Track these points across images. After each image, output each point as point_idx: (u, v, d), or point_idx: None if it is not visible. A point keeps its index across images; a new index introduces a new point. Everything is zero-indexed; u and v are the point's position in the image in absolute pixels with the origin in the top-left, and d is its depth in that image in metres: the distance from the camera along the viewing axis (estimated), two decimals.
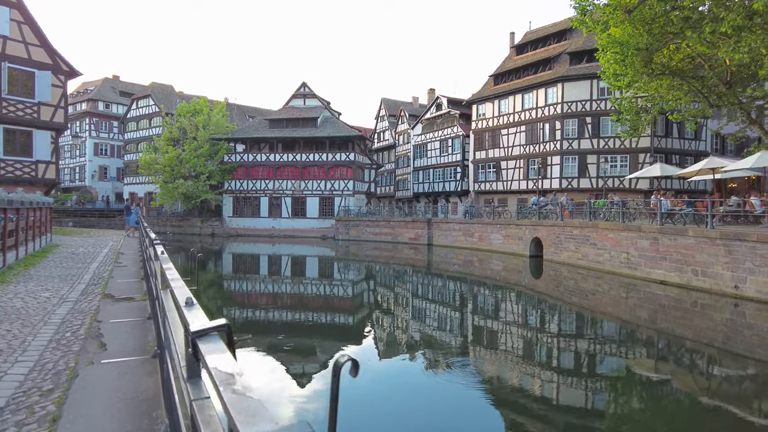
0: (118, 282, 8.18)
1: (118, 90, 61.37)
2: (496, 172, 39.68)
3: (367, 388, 7.98)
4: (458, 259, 28.59)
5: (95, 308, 6.08)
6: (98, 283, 8.41)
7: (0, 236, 9.10)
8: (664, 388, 8.92)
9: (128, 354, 4.14)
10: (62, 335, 4.98)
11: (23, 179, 21.24)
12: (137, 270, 9.78)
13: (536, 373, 9.47)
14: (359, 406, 7.11)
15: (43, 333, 5.05)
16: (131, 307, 6.15)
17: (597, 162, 33.93)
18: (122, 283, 8.26)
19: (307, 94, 46.61)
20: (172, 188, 42.94)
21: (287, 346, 10.65)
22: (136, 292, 7.46)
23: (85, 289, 7.93)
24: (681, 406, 8.12)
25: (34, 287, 7.92)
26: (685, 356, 11.00)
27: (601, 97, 33.74)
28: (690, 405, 8.15)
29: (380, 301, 18.18)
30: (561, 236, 22.81)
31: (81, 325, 5.32)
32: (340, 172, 42.75)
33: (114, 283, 8.24)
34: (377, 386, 8.26)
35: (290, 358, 9.48)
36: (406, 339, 12.23)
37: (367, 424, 6.64)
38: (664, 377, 9.43)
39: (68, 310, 6.23)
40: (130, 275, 9.46)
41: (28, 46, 21.39)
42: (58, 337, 4.88)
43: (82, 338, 4.81)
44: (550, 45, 39.23)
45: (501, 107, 39.80)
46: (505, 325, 14.03)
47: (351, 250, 34.59)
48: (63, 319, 5.65)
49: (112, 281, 8.43)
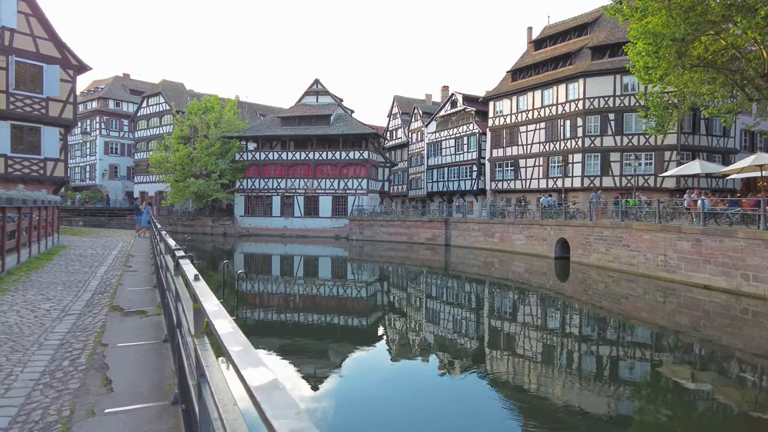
0: (128, 291, 7.33)
1: (129, 88, 60.90)
2: (514, 171, 38.56)
3: (380, 391, 7.95)
4: (478, 261, 27.60)
5: (101, 325, 5.18)
6: (106, 291, 7.55)
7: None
8: (710, 401, 8.07)
9: (140, 397, 3.22)
10: (59, 364, 4.08)
11: (31, 177, 20.54)
12: (149, 275, 8.84)
13: (561, 382, 8.79)
14: (371, 408, 7.12)
15: (35, 361, 4.14)
16: (143, 324, 5.26)
17: (620, 160, 32.73)
18: (132, 291, 7.41)
19: (320, 91, 45.72)
20: (183, 187, 42.28)
21: (298, 348, 10.49)
22: (148, 303, 6.62)
23: (90, 299, 7.04)
24: (729, 423, 7.16)
25: (33, 297, 7.06)
26: (734, 367, 9.97)
27: (625, 92, 32.53)
28: (738, 422, 7.18)
29: (396, 304, 17.51)
30: (590, 237, 21.72)
31: (83, 349, 4.40)
32: (354, 171, 41.82)
33: (123, 291, 7.37)
34: (394, 391, 8.12)
35: (300, 360, 9.33)
36: (422, 342, 11.80)
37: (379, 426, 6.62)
38: (708, 388, 8.53)
39: (69, 327, 5.34)
40: (141, 282, 8.66)
41: (36, 39, 20.66)
42: (54, 367, 3.98)
43: (82, 369, 3.91)
44: (571, 39, 38.02)
45: (519, 104, 38.68)
46: (527, 329, 13.28)
47: (365, 251, 33.73)
48: (62, 341, 4.74)
49: (121, 289, 7.57)
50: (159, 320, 5.30)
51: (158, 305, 5.91)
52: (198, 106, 44.35)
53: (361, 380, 8.88)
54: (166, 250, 4.38)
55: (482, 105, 43.70)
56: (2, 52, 19.68)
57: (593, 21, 37.01)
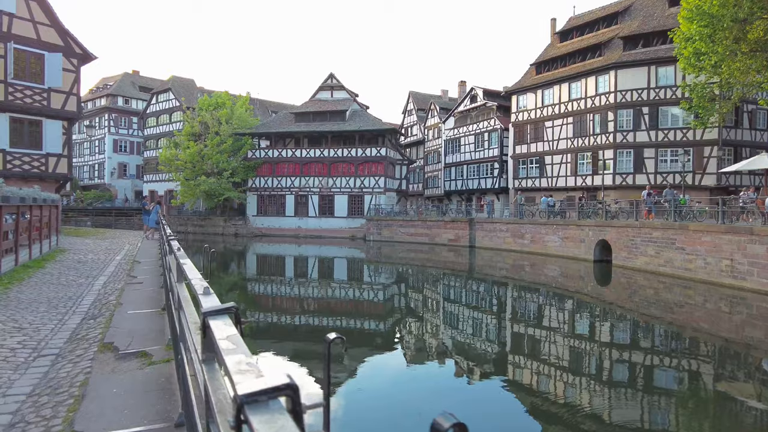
0: (128, 315, 5.61)
1: (138, 85, 59.62)
2: (539, 168, 36.68)
3: (399, 396, 7.71)
4: (506, 263, 25.87)
5: (81, 381, 3.47)
6: (100, 314, 5.86)
7: None
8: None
9: None
10: None
11: (32, 174, 19.06)
12: (156, 291, 7.17)
13: (602, 399, 7.88)
14: (389, 413, 6.88)
15: None
16: (144, 380, 3.60)
17: (655, 156, 30.79)
18: (134, 316, 5.75)
19: (334, 85, 44.04)
20: (193, 186, 40.84)
21: (310, 352, 10.02)
22: (153, 336, 4.85)
23: (77, 328, 5.36)
24: None
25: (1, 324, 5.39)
26: None
27: (660, 84, 30.58)
28: None
29: (417, 308, 16.19)
30: (636, 239, 19.88)
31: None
32: (371, 168, 40.08)
33: (122, 316, 5.74)
34: (412, 396, 7.87)
35: (313, 365, 8.90)
36: (445, 349, 11.02)
37: None
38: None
39: (33, 385, 3.74)
40: (146, 300, 6.95)
41: (37, 25, 19.16)
42: None
43: None
44: (599, 30, 36.08)
45: (544, 98, 36.82)
46: (562, 337, 12.17)
47: (383, 252, 32.12)
48: (14, 414, 3.05)
49: (120, 312, 5.91)
50: (168, 371, 3.60)
51: (167, 344, 4.22)
52: (209, 102, 42.89)
53: (378, 385, 8.48)
54: (179, 276, 2.65)
55: (504, 99, 41.86)
56: (0, 39, 18.21)
57: (624, 10, 35.07)
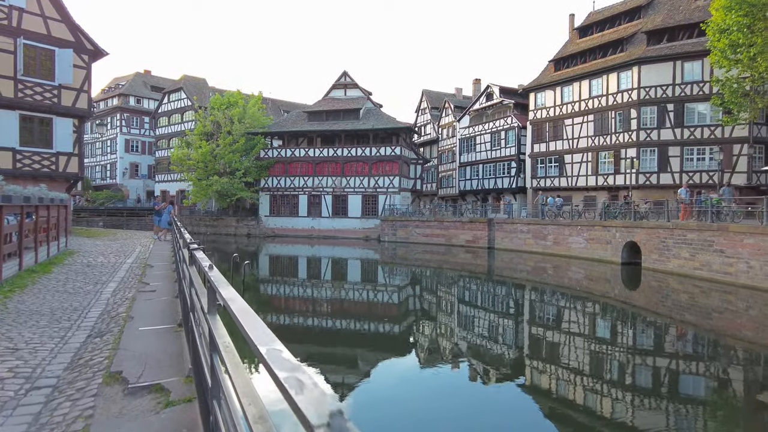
0: (139, 333, 4.96)
1: (150, 85, 59.37)
2: (558, 167, 35.70)
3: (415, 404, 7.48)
4: (527, 265, 25.00)
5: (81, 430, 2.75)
6: (107, 330, 5.19)
7: None
8: None
9: None
10: None
11: (42, 173, 18.53)
12: (170, 301, 6.38)
13: (636, 410, 7.39)
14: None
15: None
16: (161, 428, 2.86)
17: (681, 155, 29.71)
18: (146, 334, 4.99)
19: (348, 84, 43.32)
20: (205, 185, 40.36)
21: (326, 355, 10.00)
22: (168, 363, 4.01)
23: (80, 350, 4.61)
24: None
25: None
26: None
27: (686, 80, 29.50)
28: None
29: (435, 312, 15.68)
30: (668, 240, 18.92)
31: None
32: (385, 168, 39.28)
33: (132, 334, 4.99)
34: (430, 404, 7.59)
35: (329, 368, 8.83)
36: (462, 354, 10.73)
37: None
38: None
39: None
40: (159, 313, 6.11)
41: (47, 20, 18.63)
42: None
43: None
44: (621, 25, 35.04)
45: (564, 95, 35.85)
46: (588, 342, 11.55)
47: (398, 253, 31.39)
48: None
49: (130, 328, 5.22)
50: (191, 419, 2.84)
51: (186, 375, 3.45)
52: (221, 101, 42.38)
53: (391, 387, 8.32)
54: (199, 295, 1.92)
55: (521, 97, 40.92)
56: (9, 34, 17.68)
57: (647, 4, 34.00)
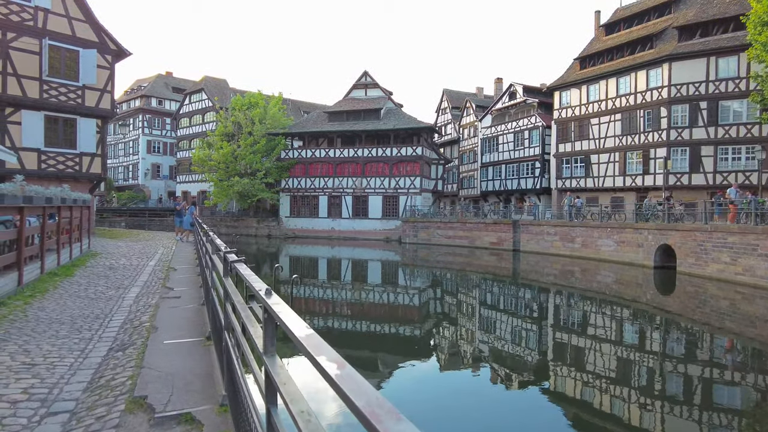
0: (165, 347, 4.60)
1: (171, 86, 59.85)
2: (584, 167, 34.81)
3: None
4: (554, 268, 24.28)
5: None
6: (130, 343, 4.86)
7: None
8: None
9: None
10: None
11: (66, 174, 18.50)
12: (196, 309, 5.92)
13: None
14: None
15: None
16: None
17: (714, 154, 28.64)
18: (172, 349, 4.58)
19: (369, 83, 42.95)
20: (226, 186, 40.38)
21: (350, 358, 8.75)
22: (198, 386, 3.56)
23: (101, 366, 4.23)
24: None
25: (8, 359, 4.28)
26: None
27: (720, 77, 28.44)
28: None
29: (457, 316, 15.27)
30: (707, 244, 18.09)
31: None
32: (406, 168, 38.79)
33: (156, 348, 4.59)
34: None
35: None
36: (484, 358, 10.51)
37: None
38: None
39: None
40: (184, 322, 5.67)
41: (72, 20, 18.59)
42: None
43: None
44: (650, 20, 34.01)
45: (590, 93, 34.97)
46: (616, 348, 11.06)
47: (420, 255, 30.88)
48: None
49: (154, 342, 4.82)
50: None
51: (220, 404, 3.01)
52: (242, 102, 42.37)
53: (412, 390, 8.19)
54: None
55: (545, 96, 40.11)
56: (35, 35, 17.68)
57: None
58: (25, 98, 17.46)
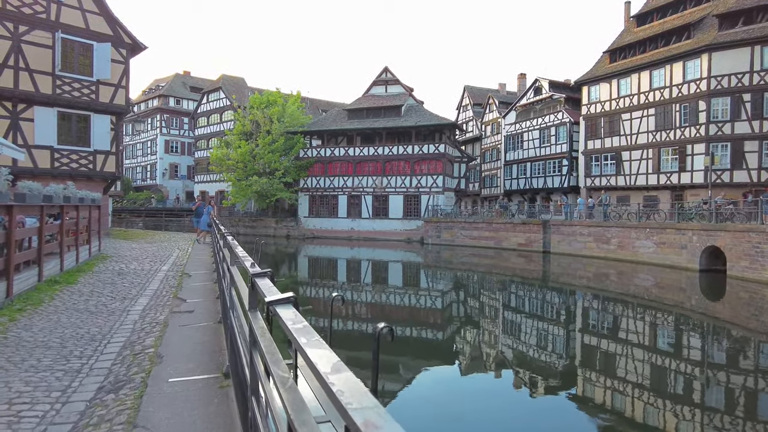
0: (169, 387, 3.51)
1: (189, 85, 59.52)
2: (615, 165, 33.25)
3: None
4: (587, 271, 22.94)
5: None
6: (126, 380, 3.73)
7: None
8: None
9: None
10: None
11: (80, 172, 17.77)
12: (212, 330, 4.83)
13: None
14: None
15: None
16: None
17: (759, 149, 26.97)
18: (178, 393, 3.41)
19: (389, 80, 41.83)
20: (245, 186, 39.65)
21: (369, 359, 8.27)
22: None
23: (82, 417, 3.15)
24: None
25: None
26: None
27: (766, 67, 26.76)
28: None
29: (487, 320, 14.37)
30: (764, 246, 16.63)
31: None
32: (428, 167, 37.57)
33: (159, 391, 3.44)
34: None
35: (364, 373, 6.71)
36: (508, 363, 10.05)
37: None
38: None
39: None
40: (196, 351, 4.57)
41: (86, 13, 17.86)
42: None
43: None
44: (686, 10, 32.31)
45: (620, 88, 33.41)
46: (664, 359, 9.99)
47: (443, 256, 29.74)
48: None
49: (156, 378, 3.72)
50: None
51: None
52: (260, 100, 41.61)
53: (432, 394, 7.96)
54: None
55: (572, 91, 38.58)
56: (48, 28, 16.97)
57: None
58: (37, 94, 16.78)
